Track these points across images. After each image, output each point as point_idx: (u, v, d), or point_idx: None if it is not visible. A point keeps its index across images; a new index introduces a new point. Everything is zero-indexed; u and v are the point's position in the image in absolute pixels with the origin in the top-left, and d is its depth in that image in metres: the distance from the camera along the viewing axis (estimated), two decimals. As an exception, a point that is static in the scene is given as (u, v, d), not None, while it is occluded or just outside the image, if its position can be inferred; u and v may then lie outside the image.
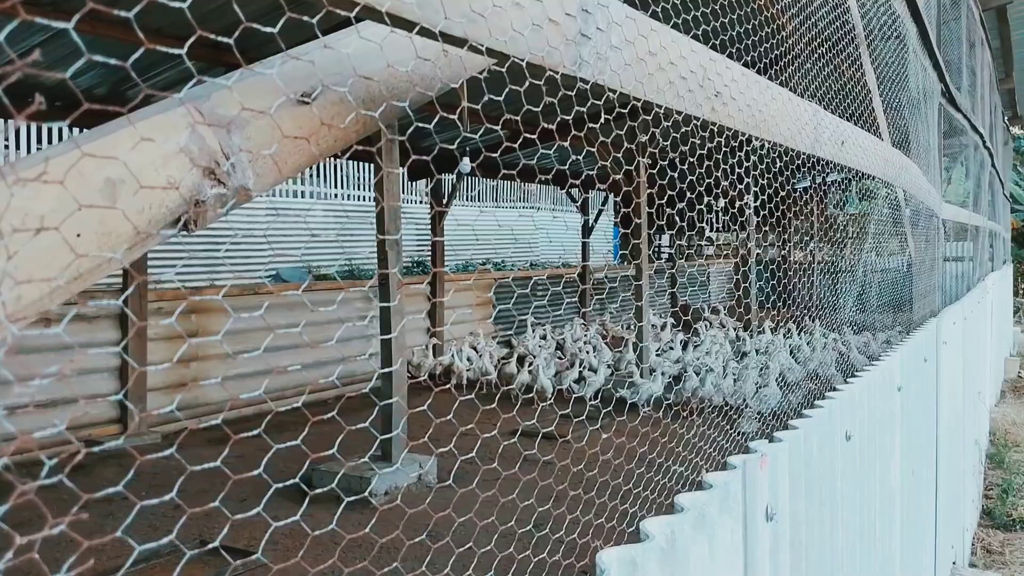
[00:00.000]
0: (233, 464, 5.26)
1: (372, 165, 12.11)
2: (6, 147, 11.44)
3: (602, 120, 1.90)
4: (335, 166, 15.65)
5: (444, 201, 11.14)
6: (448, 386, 9.32)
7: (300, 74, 0.98)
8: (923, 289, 5.22)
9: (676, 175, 8.65)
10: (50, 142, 11.95)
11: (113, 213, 0.83)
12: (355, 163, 15.32)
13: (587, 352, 9.89)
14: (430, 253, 14.43)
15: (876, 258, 5.22)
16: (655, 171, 8.29)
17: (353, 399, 8.88)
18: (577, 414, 7.86)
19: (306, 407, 7.91)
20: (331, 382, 9.00)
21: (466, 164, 9.69)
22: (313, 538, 4.72)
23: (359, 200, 16.25)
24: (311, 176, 15.35)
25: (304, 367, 8.86)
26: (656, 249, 17.39)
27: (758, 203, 11.01)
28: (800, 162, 2.35)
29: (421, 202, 16.83)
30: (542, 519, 4.18)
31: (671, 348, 10.46)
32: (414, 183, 15.93)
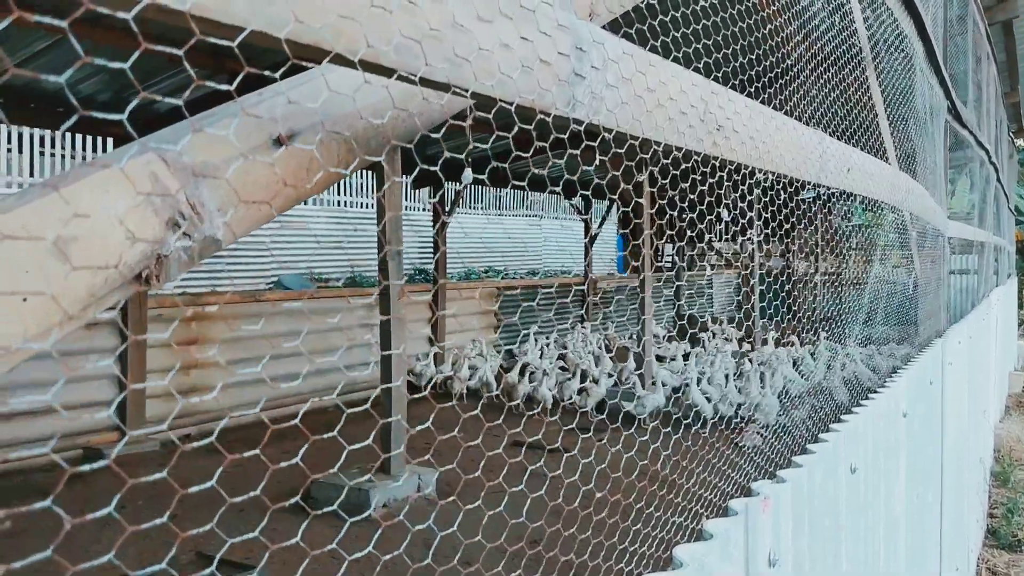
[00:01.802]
0: (228, 472, 5.20)
1: (373, 172, 12.01)
2: (8, 151, 11.46)
3: (597, 162, 1.83)
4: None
5: (447, 210, 11.07)
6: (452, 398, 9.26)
7: (270, 119, 0.91)
8: (929, 309, 5.14)
9: (676, 214, 8.60)
10: (52, 147, 11.94)
11: (64, 271, 0.77)
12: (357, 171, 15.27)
13: (588, 363, 9.77)
14: (433, 261, 14.32)
15: (881, 271, 5.15)
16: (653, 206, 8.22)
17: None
18: (578, 426, 7.75)
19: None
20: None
21: (468, 174, 9.64)
22: (311, 552, 4.66)
23: (362, 207, 16.23)
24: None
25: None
26: (658, 258, 17.14)
27: (761, 221, 10.91)
28: (800, 184, 2.29)
29: (424, 209, 16.77)
30: (541, 536, 4.11)
31: (674, 359, 10.36)
32: (417, 191, 15.88)
